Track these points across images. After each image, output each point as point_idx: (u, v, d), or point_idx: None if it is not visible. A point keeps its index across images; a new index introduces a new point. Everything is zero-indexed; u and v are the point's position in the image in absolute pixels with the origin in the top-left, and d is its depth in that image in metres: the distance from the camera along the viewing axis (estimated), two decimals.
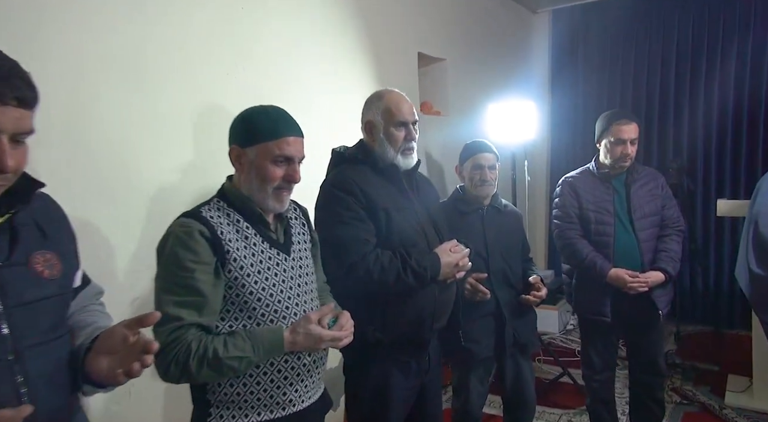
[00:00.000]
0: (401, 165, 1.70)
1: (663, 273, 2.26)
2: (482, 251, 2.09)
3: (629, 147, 2.28)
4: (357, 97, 2.67)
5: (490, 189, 2.14)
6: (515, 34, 4.51)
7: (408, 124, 1.71)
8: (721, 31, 3.89)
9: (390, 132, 1.69)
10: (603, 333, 2.39)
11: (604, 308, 2.30)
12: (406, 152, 1.70)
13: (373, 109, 1.73)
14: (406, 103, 1.73)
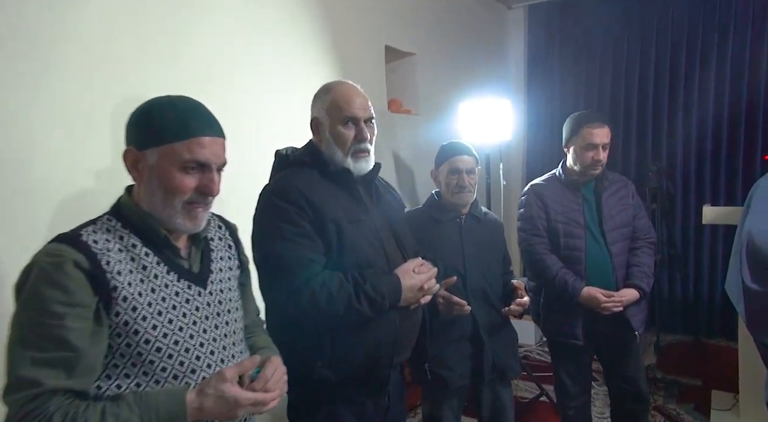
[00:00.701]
0: (353, 170, 1.44)
1: (637, 290, 2.07)
2: (459, 266, 1.85)
3: (601, 153, 2.07)
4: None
5: (469, 196, 1.90)
6: (490, 30, 4.30)
7: (359, 121, 1.44)
8: (700, 31, 3.74)
9: (337, 131, 1.42)
10: (575, 356, 2.19)
11: (576, 330, 2.10)
12: (358, 154, 1.44)
13: (318, 104, 1.47)
14: (358, 97, 1.45)
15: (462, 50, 3.83)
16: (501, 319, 1.88)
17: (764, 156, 3.32)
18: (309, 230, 1.31)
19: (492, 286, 1.89)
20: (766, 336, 1.95)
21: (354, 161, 1.44)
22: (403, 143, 3.19)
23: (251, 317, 1.23)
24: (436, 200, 1.96)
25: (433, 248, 1.85)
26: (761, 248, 1.90)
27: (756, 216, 1.96)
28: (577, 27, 4.22)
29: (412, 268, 1.37)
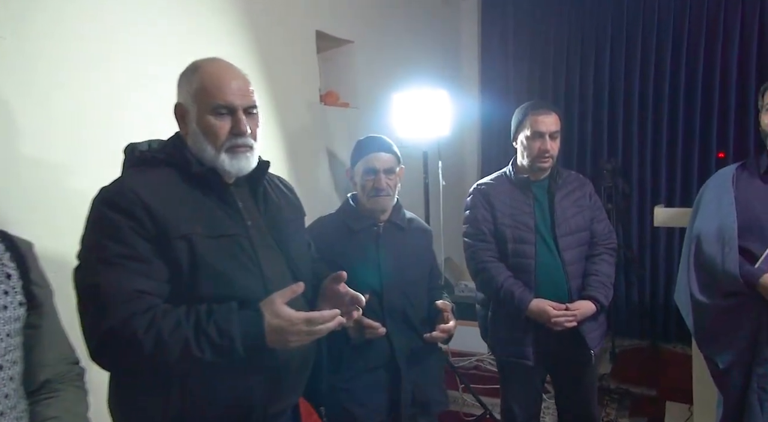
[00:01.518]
0: (228, 169, 1.15)
1: (594, 303, 1.84)
2: (375, 283, 1.59)
3: (548, 142, 1.84)
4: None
5: (387, 201, 1.64)
6: (440, 19, 4.05)
7: (236, 109, 1.15)
8: (655, 26, 3.58)
9: (206, 122, 1.13)
10: (525, 377, 1.96)
11: (526, 348, 1.87)
12: (235, 150, 1.15)
13: (184, 86, 1.17)
14: (234, 79, 1.16)
15: (408, 40, 3.57)
16: (425, 346, 1.63)
17: (718, 153, 3.18)
18: (144, 251, 1.02)
19: (414, 305, 1.63)
20: (716, 354, 1.76)
21: (230, 158, 1.15)
22: (339, 139, 2.91)
23: (53, 369, 0.93)
24: (351, 205, 1.70)
25: (348, 263, 1.58)
26: (708, 255, 1.71)
27: (704, 220, 1.77)
28: (532, 19, 4.01)
29: (283, 300, 1.07)
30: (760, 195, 1.66)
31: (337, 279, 1.24)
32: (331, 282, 1.25)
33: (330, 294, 1.26)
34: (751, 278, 1.58)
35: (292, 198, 1.36)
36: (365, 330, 1.49)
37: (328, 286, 1.26)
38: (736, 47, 3.32)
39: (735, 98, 3.36)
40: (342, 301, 1.25)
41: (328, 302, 1.27)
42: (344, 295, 1.25)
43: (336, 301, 1.26)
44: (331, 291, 1.26)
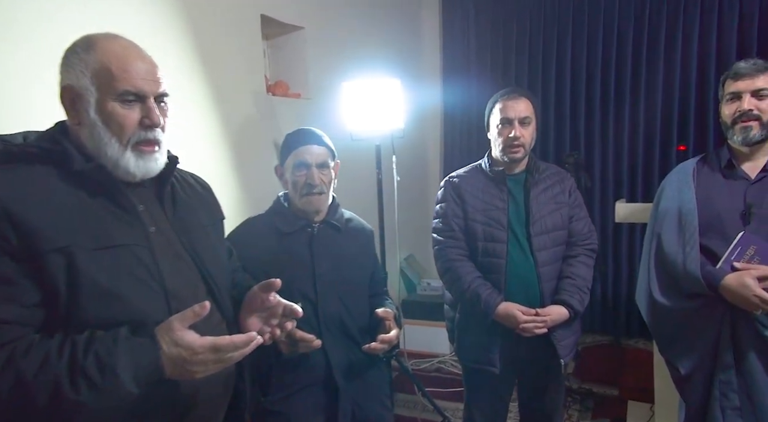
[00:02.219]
0: (133, 171, 0.98)
1: (567, 309, 1.72)
2: (309, 290, 1.43)
3: (518, 128, 1.71)
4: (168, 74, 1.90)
5: (322, 199, 1.48)
6: (400, 3, 3.89)
7: (147, 97, 0.98)
8: (616, 17, 3.49)
9: (110, 110, 0.95)
10: (491, 386, 1.84)
11: (492, 354, 1.75)
12: (143, 149, 0.98)
13: (76, 66, 0.96)
14: (143, 61, 0.99)
15: (364, 26, 3.39)
16: (365, 356, 1.48)
17: (678, 146, 3.13)
18: (5, 269, 0.83)
19: (352, 314, 1.48)
20: (677, 359, 1.67)
21: (136, 158, 0.98)
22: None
23: None
24: (282, 205, 1.53)
25: (278, 269, 1.42)
26: (669, 255, 1.62)
27: (664, 218, 1.67)
28: (493, 9, 3.89)
29: (186, 323, 0.90)
30: (721, 191, 1.58)
31: (267, 288, 1.08)
32: (261, 291, 1.09)
33: (258, 305, 1.11)
34: (713, 280, 1.49)
35: (208, 198, 1.19)
36: (298, 343, 1.33)
37: (257, 296, 1.10)
38: (695, 40, 3.28)
39: (695, 91, 3.32)
40: (273, 312, 1.10)
41: (256, 315, 1.11)
42: (276, 306, 1.09)
43: (265, 313, 1.11)
44: (260, 302, 1.10)
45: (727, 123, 1.57)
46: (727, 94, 1.57)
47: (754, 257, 1.46)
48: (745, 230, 1.49)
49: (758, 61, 1.53)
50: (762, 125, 1.50)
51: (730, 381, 1.50)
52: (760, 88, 1.50)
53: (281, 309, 1.08)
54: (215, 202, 1.21)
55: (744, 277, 1.43)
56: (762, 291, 1.41)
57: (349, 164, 3.12)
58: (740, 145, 1.55)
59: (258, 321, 1.10)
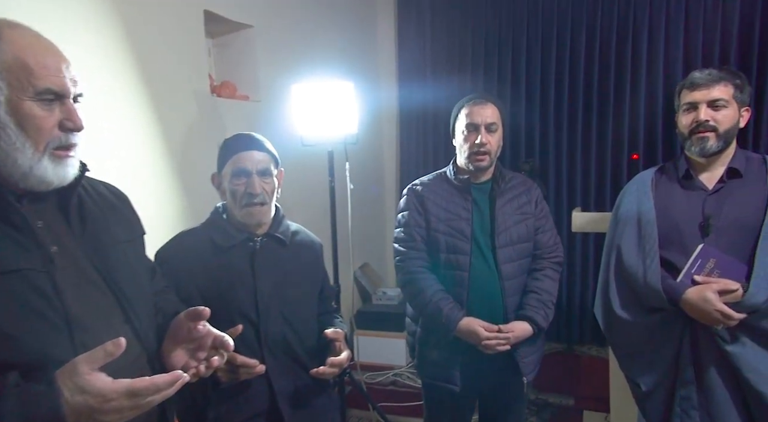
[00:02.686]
0: (51, 179, 0.84)
1: (531, 325, 1.66)
2: (250, 310, 1.30)
3: (484, 134, 1.64)
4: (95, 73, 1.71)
5: (263, 211, 1.34)
6: (354, 4, 3.79)
7: (65, 96, 0.84)
8: (569, 22, 3.51)
9: (25, 110, 0.81)
10: (450, 405, 1.77)
11: (453, 371, 1.67)
12: (60, 155, 0.85)
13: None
14: (59, 56, 0.86)
15: (317, 25, 3.27)
16: (313, 381, 1.35)
17: (632, 155, 3.17)
18: None
19: (299, 335, 1.35)
20: (638, 375, 1.61)
21: (54, 165, 0.84)
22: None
23: None
24: (221, 217, 1.38)
25: (215, 288, 1.28)
26: (629, 268, 1.57)
27: (624, 229, 1.63)
28: (449, 16, 3.84)
29: (96, 362, 0.76)
30: (679, 202, 1.55)
31: (195, 316, 0.94)
32: (188, 319, 0.95)
33: (184, 336, 0.96)
34: (674, 294, 1.46)
35: (124, 211, 1.04)
36: (239, 370, 1.20)
37: (184, 325, 0.96)
38: (644, 50, 3.34)
39: (644, 100, 3.37)
40: (202, 344, 0.96)
41: (182, 347, 0.97)
42: (205, 337, 0.95)
43: (193, 345, 0.96)
44: (187, 331, 0.96)
45: (684, 134, 1.55)
46: (684, 105, 1.55)
47: (714, 269, 1.43)
48: (704, 242, 1.46)
49: (713, 71, 1.51)
50: (718, 135, 1.48)
51: (690, 397, 1.47)
52: (716, 99, 1.48)
53: (211, 341, 0.94)
54: (133, 215, 1.06)
55: (705, 291, 1.40)
56: (723, 306, 1.38)
57: (300, 170, 3.00)
58: (697, 156, 1.53)
59: (184, 353, 0.96)
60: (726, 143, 1.50)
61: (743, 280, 1.41)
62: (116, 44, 1.90)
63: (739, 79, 1.50)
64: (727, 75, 1.50)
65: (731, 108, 1.49)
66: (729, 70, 1.52)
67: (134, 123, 1.99)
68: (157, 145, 2.10)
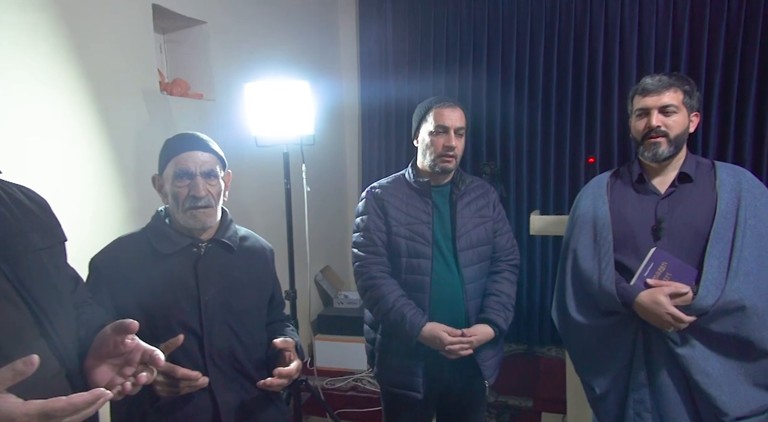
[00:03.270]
0: None
1: (492, 327, 1.65)
2: (193, 321, 1.22)
3: (453, 139, 1.63)
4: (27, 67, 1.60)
5: (209, 214, 1.26)
6: (314, 1, 3.72)
7: None
8: (528, 30, 3.54)
9: None
10: (412, 411, 1.73)
11: (416, 378, 1.65)
12: None
13: None
14: None
15: (275, 23, 3.19)
16: (260, 394, 1.29)
17: (588, 159, 3.21)
18: None
19: (246, 346, 1.29)
20: (592, 378, 1.62)
21: None
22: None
23: None
24: (162, 221, 1.30)
25: (154, 297, 1.20)
26: (584, 271, 1.58)
27: (580, 233, 1.63)
28: (412, 10, 3.82)
29: (5, 382, 0.68)
30: (633, 205, 1.56)
31: (121, 329, 0.86)
32: (115, 333, 0.87)
33: (110, 350, 0.89)
34: (627, 297, 1.46)
35: (42, 216, 0.95)
36: (179, 383, 1.12)
37: (110, 339, 0.88)
38: (600, 55, 3.39)
39: (600, 104, 3.43)
40: (130, 360, 0.88)
41: (108, 362, 0.89)
42: (133, 352, 0.88)
43: (119, 360, 0.89)
44: (113, 347, 0.88)
45: (637, 139, 1.56)
46: (636, 110, 1.56)
47: (665, 273, 1.44)
48: (656, 246, 1.47)
49: (663, 77, 1.53)
50: (670, 141, 1.50)
51: (643, 399, 1.48)
52: (666, 105, 1.50)
53: (139, 355, 0.87)
54: (52, 220, 0.97)
55: (656, 294, 1.41)
56: (674, 309, 1.39)
57: (256, 172, 2.92)
58: (650, 160, 1.54)
59: (109, 370, 0.88)
60: (677, 147, 1.52)
61: (693, 283, 1.43)
62: (52, 38, 1.79)
63: (688, 85, 1.53)
64: (677, 81, 1.52)
65: (681, 114, 1.51)
66: (679, 76, 1.54)
67: (73, 122, 1.87)
68: (99, 145, 1.99)
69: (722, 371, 1.38)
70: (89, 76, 1.93)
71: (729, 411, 1.36)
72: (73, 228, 1.80)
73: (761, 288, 1.37)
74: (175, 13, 2.42)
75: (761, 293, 1.37)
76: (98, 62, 1.97)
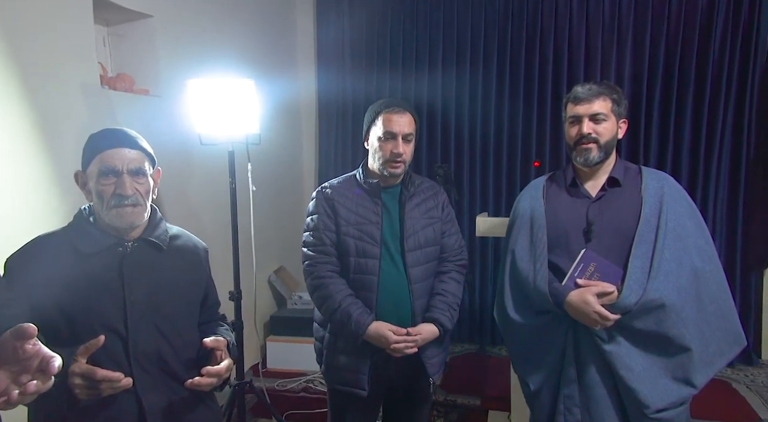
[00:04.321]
0: None
1: (437, 326, 1.69)
2: (117, 322, 1.19)
3: (401, 145, 1.65)
4: None
5: (136, 212, 1.22)
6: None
7: None
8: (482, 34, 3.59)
9: None
10: (357, 409, 1.75)
11: (361, 376, 1.67)
12: None
13: None
14: None
15: (226, 18, 3.13)
16: (190, 394, 1.26)
17: (534, 163, 3.30)
18: None
19: (175, 347, 1.26)
20: (527, 374, 1.67)
21: None
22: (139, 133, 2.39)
23: None
24: (86, 220, 1.26)
25: (78, 298, 1.16)
26: (521, 271, 1.62)
27: (518, 235, 1.68)
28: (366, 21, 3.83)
29: None
30: (566, 208, 1.62)
31: (20, 335, 0.83)
32: (14, 338, 0.83)
33: (9, 356, 0.85)
34: (559, 296, 1.51)
35: None
36: (100, 385, 1.08)
37: (8, 345, 0.84)
38: (550, 59, 3.48)
39: (550, 108, 3.52)
40: (27, 367, 0.84)
41: (5, 368, 0.85)
42: (32, 358, 0.84)
43: (19, 367, 0.85)
44: (12, 352, 0.84)
45: (570, 145, 1.62)
46: (569, 118, 1.63)
47: (594, 273, 1.49)
48: (587, 247, 1.52)
49: (593, 85, 1.59)
50: (600, 147, 1.56)
51: (572, 395, 1.53)
52: (596, 113, 1.56)
53: (37, 362, 0.84)
54: None
55: (585, 294, 1.46)
56: (600, 307, 1.44)
57: (203, 170, 2.86)
58: (582, 165, 1.60)
59: (6, 377, 0.84)
60: (607, 153, 1.58)
61: (619, 283, 1.48)
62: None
63: (616, 94, 1.59)
64: (606, 90, 1.58)
65: (610, 121, 1.57)
66: (608, 85, 1.61)
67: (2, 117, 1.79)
68: (31, 141, 1.91)
69: (644, 366, 1.45)
70: (20, 68, 1.85)
71: (650, 404, 1.42)
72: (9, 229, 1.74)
73: (680, 287, 1.44)
74: (118, 5, 2.34)
75: (679, 291, 1.44)
76: (31, 53, 1.89)
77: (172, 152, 2.50)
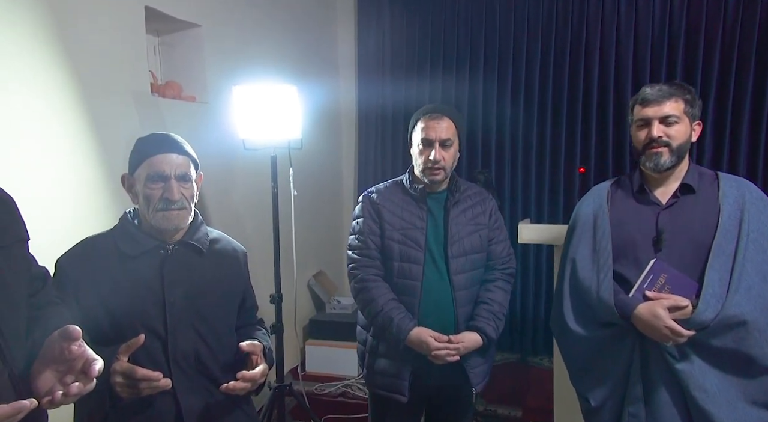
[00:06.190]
0: None
1: (481, 336, 1.66)
2: (157, 323, 1.22)
3: (438, 151, 1.63)
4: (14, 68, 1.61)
5: (182, 216, 1.26)
6: (311, 5, 3.73)
7: None
8: (525, 38, 3.52)
9: None
10: (398, 415, 1.75)
11: (402, 382, 1.66)
12: None
13: None
14: None
15: (269, 27, 3.20)
16: (227, 398, 1.28)
17: (579, 169, 3.19)
18: None
19: (213, 349, 1.28)
20: (588, 390, 1.53)
21: None
22: (186, 139, 2.47)
23: None
24: (131, 223, 1.30)
25: (121, 299, 1.20)
26: (583, 281, 1.51)
27: (579, 242, 1.57)
28: (410, 14, 3.82)
29: None
30: (633, 216, 1.52)
31: (66, 336, 0.86)
32: (61, 339, 0.87)
33: (56, 356, 0.88)
34: (625, 309, 1.42)
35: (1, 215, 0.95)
36: (140, 384, 1.11)
37: (55, 345, 0.87)
38: (596, 64, 3.37)
39: (596, 113, 3.40)
40: (72, 367, 0.87)
41: (52, 368, 0.88)
42: (76, 359, 0.86)
43: (64, 366, 0.88)
44: (59, 353, 0.87)
45: (639, 149, 1.53)
46: (637, 121, 1.53)
47: (665, 286, 1.40)
48: (656, 257, 1.43)
49: (663, 87, 1.50)
50: (671, 151, 1.47)
51: (638, 414, 1.43)
52: (667, 115, 1.47)
53: (80, 364, 0.86)
54: (13, 218, 0.96)
55: (655, 307, 1.37)
56: (672, 322, 1.35)
57: (247, 175, 2.92)
58: (651, 171, 1.51)
59: (53, 376, 0.86)
60: (679, 158, 1.49)
61: (693, 297, 1.38)
62: (42, 37, 1.80)
63: (689, 94, 1.49)
64: (678, 90, 1.48)
65: (683, 123, 1.48)
66: (679, 85, 1.51)
67: (60, 124, 1.88)
68: (87, 147, 2.00)
69: (720, 387, 1.34)
70: (76, 77, 1.94)
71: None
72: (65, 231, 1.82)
73: (763, 303, 1.33)
74: (169, 16, 2.43)
75: (763, 308, 1.33)
76: (86, 63, 1.98)
77: (217, 156, 2.57)
